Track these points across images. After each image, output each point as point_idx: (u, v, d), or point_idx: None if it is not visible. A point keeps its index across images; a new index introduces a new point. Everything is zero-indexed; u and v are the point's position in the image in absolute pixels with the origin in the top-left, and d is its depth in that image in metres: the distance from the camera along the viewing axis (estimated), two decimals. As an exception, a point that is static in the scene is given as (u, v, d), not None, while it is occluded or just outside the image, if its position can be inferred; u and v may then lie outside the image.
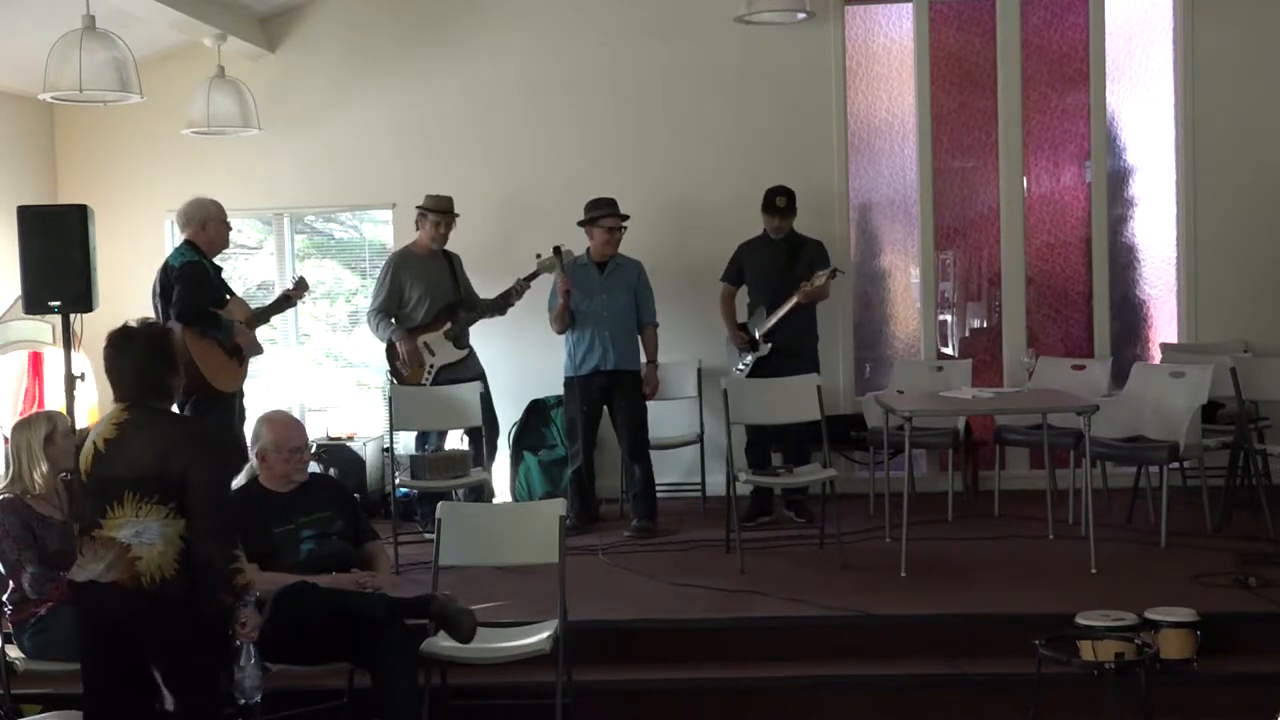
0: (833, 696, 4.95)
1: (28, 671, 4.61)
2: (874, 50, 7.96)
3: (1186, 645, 4.80)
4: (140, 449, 3.82)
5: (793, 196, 6.94)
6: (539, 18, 7.85)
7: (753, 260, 7.07)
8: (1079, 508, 6.40)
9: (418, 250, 7.10)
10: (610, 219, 6.90)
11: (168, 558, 3.78)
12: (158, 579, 3.78)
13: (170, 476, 3.77)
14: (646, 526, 6.82)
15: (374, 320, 7.08)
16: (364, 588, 4.55)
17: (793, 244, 6.98)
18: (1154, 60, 7.84)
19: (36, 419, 4.84)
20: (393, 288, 7.02)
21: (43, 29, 5.69)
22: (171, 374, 3.98)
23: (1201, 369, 6.37)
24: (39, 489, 4.69)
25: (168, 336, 4.08)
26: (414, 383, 6.96)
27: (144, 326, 4.03)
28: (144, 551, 3.78)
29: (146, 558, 3.78)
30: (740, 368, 6.98)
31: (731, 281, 7.17)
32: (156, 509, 3.78)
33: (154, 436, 3.84)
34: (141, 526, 3.78)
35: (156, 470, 3.78)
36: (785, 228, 6.96)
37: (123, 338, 3.96)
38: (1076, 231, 7.93)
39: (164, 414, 3.97)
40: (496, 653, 4.60)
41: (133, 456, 3.81)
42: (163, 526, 3.78)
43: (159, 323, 4.07)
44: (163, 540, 3.78)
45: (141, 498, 3.78)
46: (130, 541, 3.79)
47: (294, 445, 4.79)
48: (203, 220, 6.19)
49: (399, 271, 7.04)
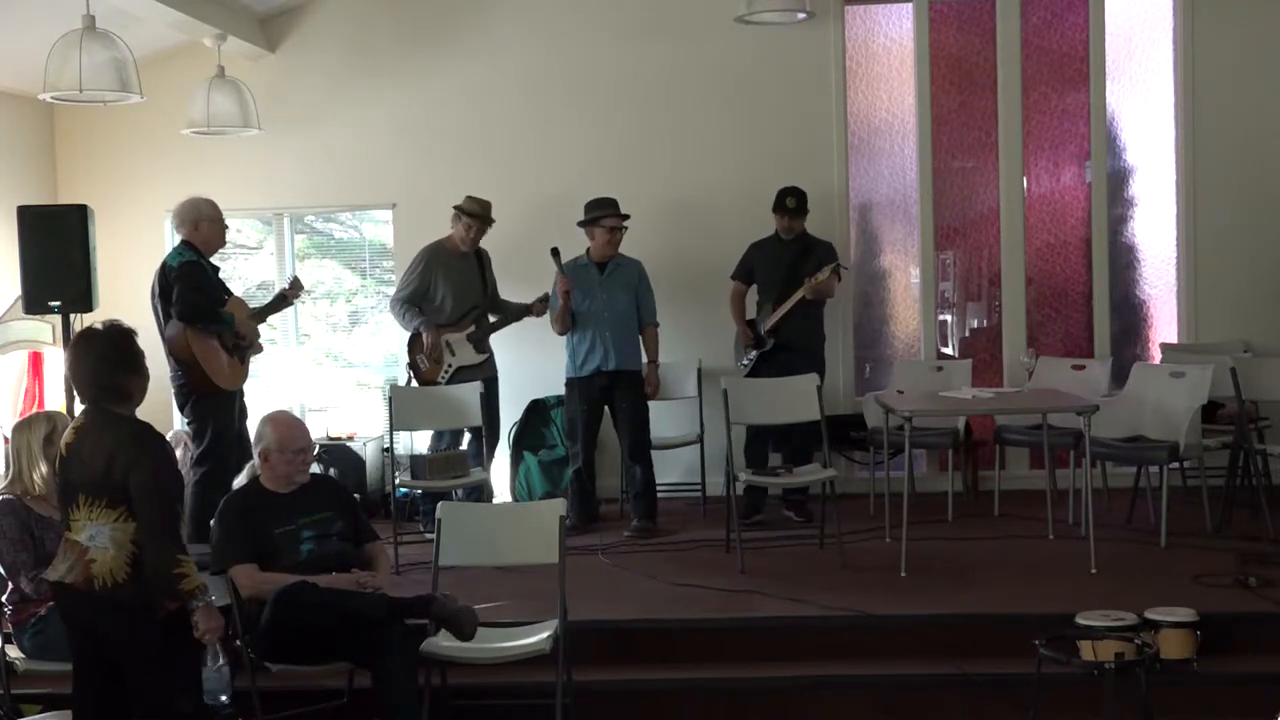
0: (833, 696, 4.95)
1: (28, 671, 4.62)
2: (874, 50, 7.96)
3: (1186, 645, 4.80)
4: (90, 452, 3.85)
5: (803, 197, 6.96)
6: (539, 18, 7.85)
7: (763, 260, 7.09)
8: (1079, 508, 6.40)
9: (450, 247, 7.09)
10: (611, 219, 6.90)
11: (119, 562, 3.81)
12: (108, 583, 3.81)
13: (114, 479, 3.79)
14: (646, 526, 6.82)
15: (399, 309, 7.08)
16: (364, 588, 4.55)
17: (803, 245, 7.01)
18: (1154, 60, 7.84)
19: (36, 420, 4.84)
20: (422, 281, 7.02)
21: (43, 29, 5.69)
22: (129, 376, 3.95)
23: (1201, 369, 6.36)
24: (38, 489, 4.69)
25: (128, 339, 4.03)
26: (430, 379, 6.96)
27: (104, 329, 4.01)
28: (98, 555, 3.82)
29: (100, 560, 3.81)
30: (744, 363, 7.00)
31: (742, 280, 7.19)
32: (107, 512, 3.80)
33: (102, 440, 3.85)
34: (95, 530, 3.82)
35: (103, 473, 3.80)
36: (796, 228, 6.99)
37: (82, 341, 3.98)
38: (1076, 231, 7.93)
39: (116, 417, 3.94)
40: (496, 653, 4.60)
41: (85, 459, 3.85)
42: (113, 530, 3.81)
43: (121, 325, 4.03)
44: (113, 544, 3.81)
45: (93, 501, 3.82)
46: (87, 544, 3.83)
47: (298, 446, 4.78)
48: (195, 220, 6.18)
49: (431, 266, 7.03)
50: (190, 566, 3.86)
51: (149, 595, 3.79)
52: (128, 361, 3.96)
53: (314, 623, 4.34)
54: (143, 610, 3.80)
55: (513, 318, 7.19)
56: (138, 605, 3.80)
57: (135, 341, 4.04)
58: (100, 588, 3.81)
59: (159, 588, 3.78)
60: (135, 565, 3.80)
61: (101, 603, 3.83)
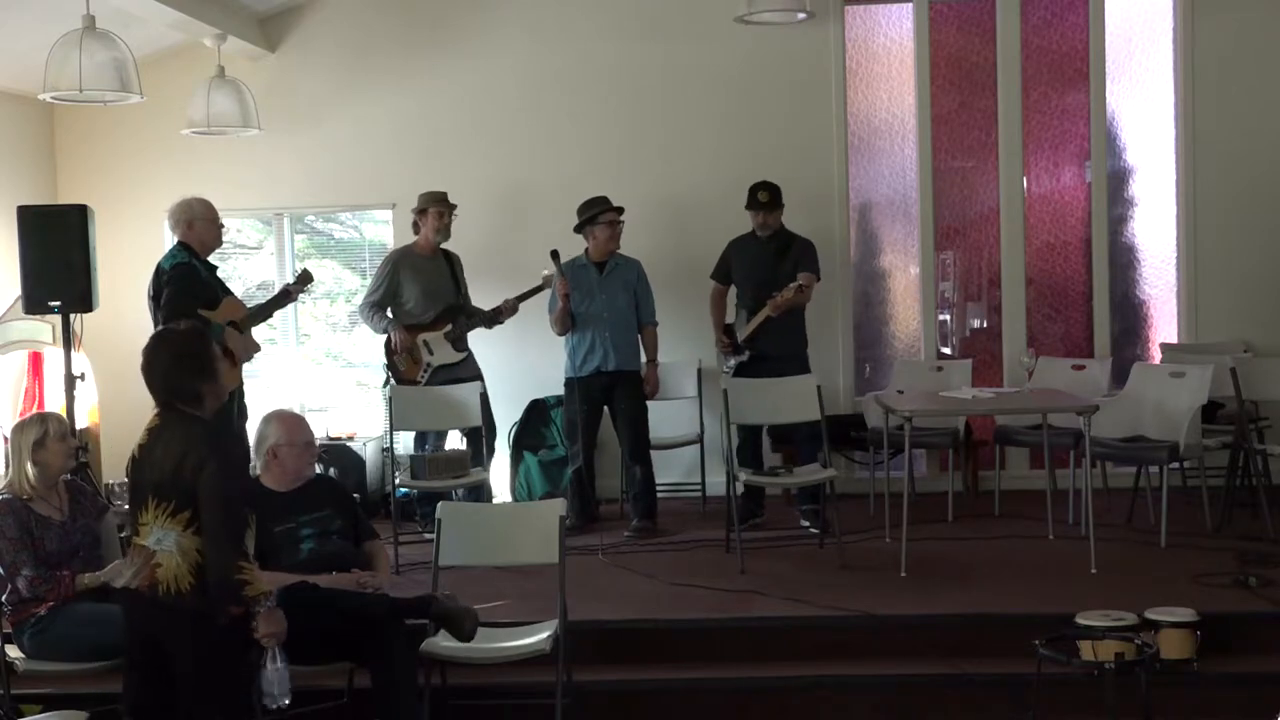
0: (833, 696, 4.95)
1: (28, 671, 4.61)
2: (874, 50, 7.96)
3: (1186, 645, 4.80)
4: (161, 454, 3.82)
5: (776, 191, 6.83)
6: (539, 18, 7.85)
7: (740, 259, 6.96)
8: (1079, 508, 6.40)
9: (419, 250, 7.09)
10: (609, 213, 6.88)
11: (183, 570, 3.76)
12: (172, 590, 3.77)
13: (183, 480, 3.75)
14: (646, 526, 6.82)
15: (366, 312, 7.09)
16: (364, 587, 4.56)
17: (781, 243, 6.87)
18: (1154, 60, 7.84)
19: (28, 423, 4.83)
20: (390, 284, 7.02)
21: (43, 29, 5.69)
22: (203, 378, 3.91)
23: (1201, 369, 6.36)
24: (29, 492, 4.70)
25: (203, 341, 4.02)
26: (410, 380, 6.96)
27: (179, 331, 4.04)
28: (164, 560, 3.77)
29: (165, 566, 3.77)
30: (725, 370, 6.90)
31: (721, 280, 7.08)
32: (174, 518, 3.76)
33: (172, 440, 3.82)
34: (162, 534, 3.78)
35: (172, 474, 3.77)
36: (772, 223, 6.85)
37: (156, 342, 3.97)
38: (1076, 231, 7.93)
39: (189, 418, 3.89)
40: (496, 653, 4.60)
41: (155, 461, 3.82)
42: (179, 537, 3.76)
43: (196, 326, 4.04)
44: (179, 551, 3.76)
45: (160, 503, 3.78)
46: (155, 548, 3.79)
47: (306, 439, 4.82)
48: (189, 220, 6.15)
49: (398, 268, 7.03)
50: (253, 572, 3.80)
51: (212, 604, 3.75)
52: (201, 364, 3.93)
53: (314, 622, 4.33)
54: (204, 619, 3.76)
55: (480, 323, 7.14)
56: (200, 614, 3.76)
57: (210, 344, 4.03)
58: (164, 594, 3.76)
59: (223, 594, 3.74)
60: (199, 575, 3.75)
61: (164, 609, 3.78)
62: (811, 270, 6.75)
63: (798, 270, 6.71)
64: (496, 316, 7.11)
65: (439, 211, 7.00)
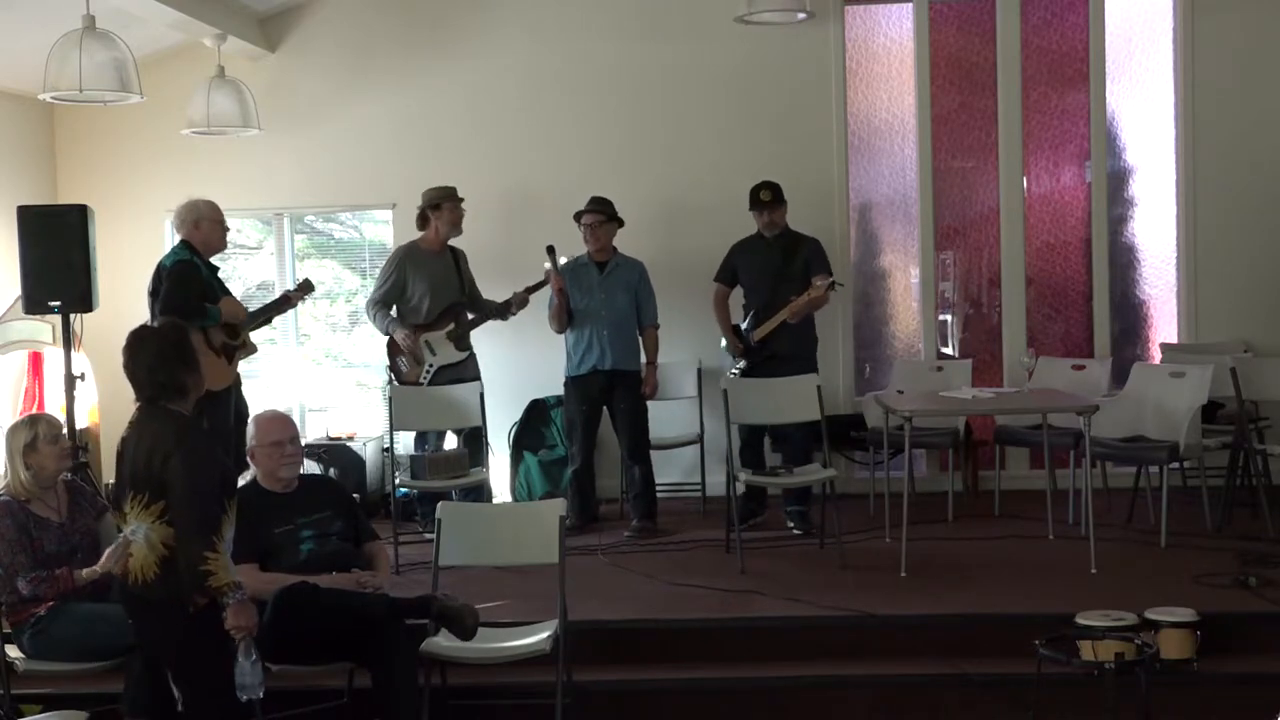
0: (833, 696, 4.95)
1: (28, 671, 4.62)
2: (874, 50, 7.96)
3: (1186, 645, 4.80)
4: (138, 447, 3.88)
5: (778, 189, 6.80)
6: (539, 18, 7.85)
7: (747, 261, 6.91)
8: (1079, 508, 6.40)
9: (425, 246, 7.08)
10: (587, 215, 6.85)
11: (149, 560, 3.84)
12: (140, 580, 3.87)
13: (154, 472, 3.81)
14: (646, 526, 6.82)
15: (372, 311, 7.05)
16: (364, 588, 4.56)
17: (788, 243, 6.83)
18: (1154, 60, 7.85)
19: (19, 427, 4.83)
20: (396, 281, 6.99)
21: (43, 29, 5.69)
22: (186, 372, 3.97)
23: (1201, 369, 6.36)
24: (23, 494, 4.70)
25: (183, 335, 4.07)
26: (412, 380, 6.95)
27: (160, 326, 4.09)
28: (136, 550, 3.87)
29: (136, 555, 3.87)
30: (733, 372, 6.83)
31: (725, 282, 7.02)
32: (148, 510, 3.83)
33: (145, 434, 3.89)
34: (137, 525, 3.87)
35: (145, 467, 3.84)
36: (778, 223, 6.82)
37: (137, 338, 4.00)
38: (1076, 231, 7.93)
39: (165, 412, 3.94)
40: (496, 653, 4.60)
41: (134, 455, 3.89)
42: (150, 529, 3.83)
43: (174, 321, 4.08)
44: (148, 544, 3.84)
45: (136, 495, 3.86)
46: (131, 538, 3.88)
47: (273, 439, 4.76)
48: (195, 220, 6.18)
49: (404, 266, 7.01)
50: (218, 564, 3.80)
51: (179, 592, 3.81)
52: (182, 357, 3.98)
53: (315, 623, 4.34)
54: (170, 608, 3.82)
55: (491, 315, 7.13)
56: (165, 602, 3.83)
57: (189, 337, 4.11)
58: (134, 583, 3.87)
59: (188, 583, 3.79)
60: (164, 565, 3.82)
61: (133, 598, 3.91)
62: (823, 272, 6.70)
63: (809, 270, 6.67)
64: (507, 308, 7.10)
65: (453, 205, 6.99)
